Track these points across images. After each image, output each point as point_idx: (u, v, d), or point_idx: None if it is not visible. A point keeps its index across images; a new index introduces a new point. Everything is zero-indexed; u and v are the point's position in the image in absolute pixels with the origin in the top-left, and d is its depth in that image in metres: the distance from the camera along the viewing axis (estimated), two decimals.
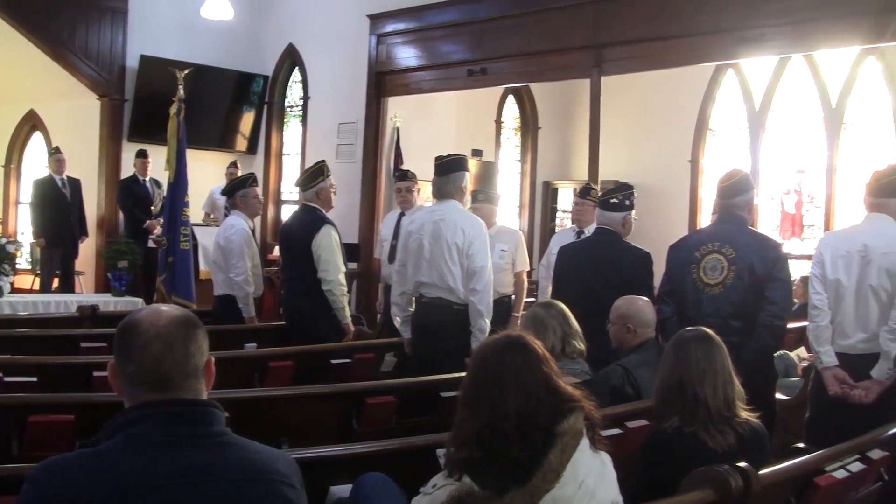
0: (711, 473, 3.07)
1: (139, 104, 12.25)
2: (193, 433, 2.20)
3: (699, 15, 8.87)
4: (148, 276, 10.37)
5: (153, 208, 11.64)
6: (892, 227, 5.11)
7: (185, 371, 2.25)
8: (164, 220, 9.11)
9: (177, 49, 12.25)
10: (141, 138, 12.13)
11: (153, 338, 2.23)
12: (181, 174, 8.87)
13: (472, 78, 10.81)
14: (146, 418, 2.18)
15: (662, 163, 13.20)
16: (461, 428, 2.64)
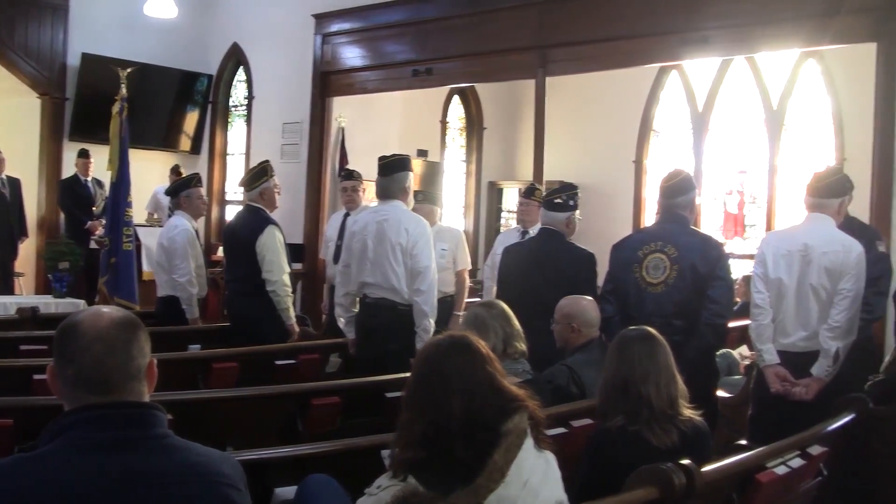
0: (655, 471, 3.09)
1: (81, 103, 12.07)
2: (135, 436, 2.17)
3: (643, 17, 8.93)
4: (90, 278, 10.23)
5: (95, 209, 11.49)
6: (831, 226, 5.19)
7: (127, 373, 2.23)
8: (107, 221, 9.03)
9: (119, 47, 12.08)
10: (83, 137, 11.96)
11: (94, 340, 2.21)
12: (124, 174, 8.78)
13: (417, 78, 10.79)
14: (87, 421, 2.15)
15: (607, 163, 13.29)
16: (406, 428, 2.63)
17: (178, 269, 7.38)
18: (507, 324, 4.61)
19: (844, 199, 5.41)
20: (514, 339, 4.57)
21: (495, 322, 4.58)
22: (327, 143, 11.70)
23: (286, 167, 11.22)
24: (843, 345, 4.98)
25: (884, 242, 6.02)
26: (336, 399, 4.95)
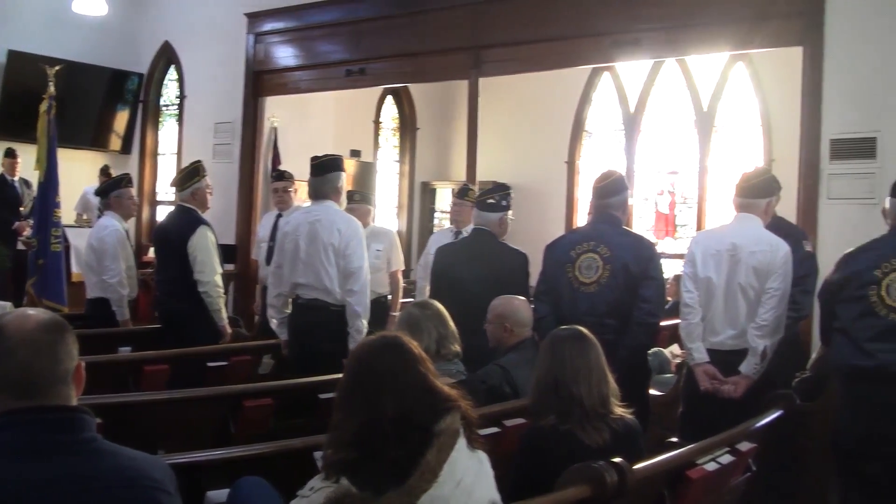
0: (587, 470, 3.11)
1: (7, 101, 11.81)
2: (62, 441, 2.15)
3: (576, 19, 8.99)
4: (17, 279, 10.04)
5: (23, 209, 11.24)
6: (759, 226, 5.26)
7: (54, 377, 2.19)
8: (35, 222, 8.90)
9: (47, 44, 11.83)
10: (9, 136, 11.70)
11: (19, 343, 2.17)
12: (52, 174, 8.66)
13: (350, 78, 10.76)
14: (12, 426, 2.12)
15: (539, 164, 13.37)
16: (338, 429, 2.62)
17: (108, 270, 7.29)
18: (442, 324, 4.60)
19: (772, 200, 5.50)
20: (447, 339, 4.57)
21: (429, 323, 4.57)
22: (260, 143, 11.61)
23: (218, 167, 11.11)
24: (770, 343, 5.04)
25: (810, 242, 6.12)
26: (269, 400, 4.92)
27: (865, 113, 7.40)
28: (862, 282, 4.35)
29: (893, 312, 4.24)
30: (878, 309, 4.29)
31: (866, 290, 4.32)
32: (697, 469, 3.72)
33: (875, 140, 7.32)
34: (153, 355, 6.15)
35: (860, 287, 4.35)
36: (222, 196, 10.48)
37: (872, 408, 4.28)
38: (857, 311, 4.36)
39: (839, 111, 7.51)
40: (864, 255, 4.47)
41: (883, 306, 4.28)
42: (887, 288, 4.29)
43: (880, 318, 4.27)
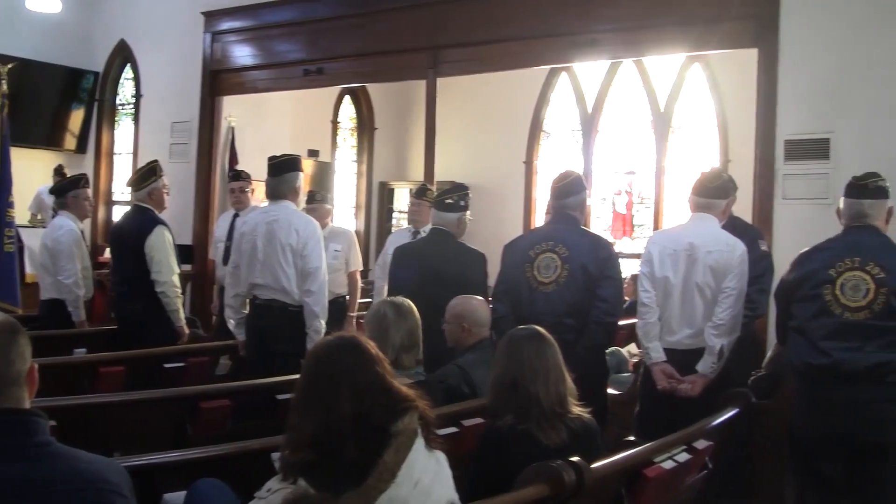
0: (545, 469, 3.12)
1: None
2: (15, 444, 2.12)
3: (534, 19, 9.01)
4: None
5: None
6: (716, 226, 5.30)
7: (6, 379, 2.17)
8: None
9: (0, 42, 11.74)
10: None
11: None
12: (5, 173, 8.54)
13: (308, 78, 10.72)
14: None
15: (497, 164, 13.40)
16: (296, 430, 2.61)
17: (63, 271, 7.23)
18: (410, 337, 4.51)
19: (728, 200, 5.54)
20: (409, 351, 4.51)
21: (399, 333, 4.49)
22: (217, 142, 11.53)
23: (175, 167, 11.02)
24: (727, 342, 5.08)
25: (766, 241, 6.19)
26: (226, 402, 4.90)
27: (819, 114, 7.48)
28: (817, 281, 4.41)
29: (847, 311, 4.30)
30: (833, 308, 4.35)
31: (821, 289, 4.38)
32: (655, 467, 3.73)
33: (829, 141, 7.40)
34: (109, 357, 6.09)
35: (815, 286, 4.41)
36: (179, 196, 10.39)
37: (828, 405, 4.34)
38: (813, 309, 4.42)
39: (794, 112, 7.59)
40: (818, 254, 4.53)
41: (837, 305, 4.34)
42: (841, 287, 4.35)
43: (835, 316, 4.33)
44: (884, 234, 4.54)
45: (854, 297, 4.32)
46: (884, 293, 4.27)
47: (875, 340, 4.26)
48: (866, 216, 4.54)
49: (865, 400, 4.24)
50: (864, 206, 4.55)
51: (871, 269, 4.33)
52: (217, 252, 8.78)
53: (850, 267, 4.37)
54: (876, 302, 4.28)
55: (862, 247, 4.42)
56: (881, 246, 4.44)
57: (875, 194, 4.57)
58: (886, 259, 4.35)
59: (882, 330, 4.26)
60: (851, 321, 4.31)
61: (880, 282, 4.29)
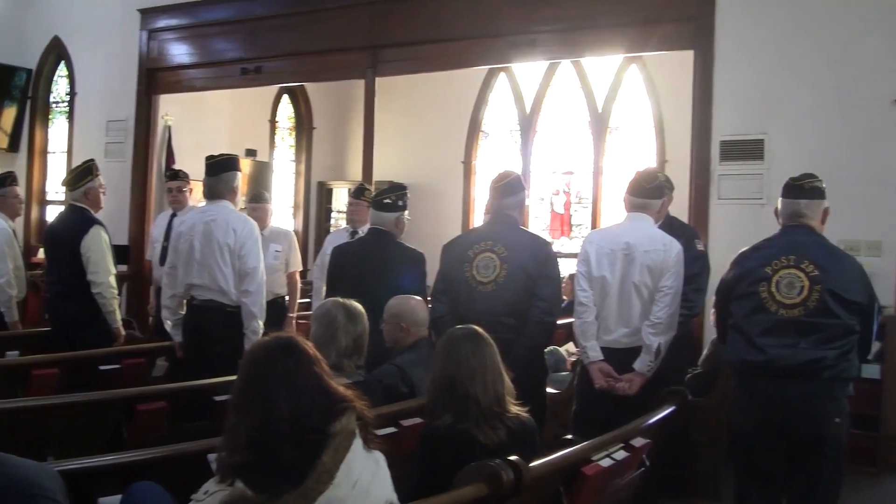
0: (484, 468, 3.12)
1: None
2: None
3: (473, 19, 9.04)
4: None
5: None
6: (652, 226, 5.36)
7: None
8: None
9: None
10: None
11: None
12: None
13: (246, 77, 10.67)
14: None
15: (436, 164, 13.42)
16: (233, 432, 2.59)
17: None
18: (356, 342, 4.48)
19: (664, 200, 5.61)
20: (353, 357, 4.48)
21: (346, 337, 4.43)
22: (153, 141, 11.43)
23: (111, 166, 10.88)
24: (664, 340, 5.13)
25: (701, 241, 6.26)
26: (163, 404, 4.85)
27: (754, 115, 7.60)
28: (753, 279, 4.48)
29: (783, 308, 4.37)
30: (769, 305, 4.41)
31: (757, 286, 4.45)
32: (592, 465, 3.75)
33: (763, 142, 7.52)
34: (42, 359, 6.00)
35: (752, 284, 4.48)
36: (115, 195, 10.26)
37: (764, 401, 4.40)
38: (750, 307, 4.48)
39: (729, 113, 7.70)
40: (756, 253, 4.60)
41: (773, 302, 4.41)
42: (777, 284, 4.42)
43: (770, 313, 4.40)
44: (819, 233, 4.61)
45: (789, 294, 4.39)
46: (818, 290, 4.34)
47: (809, 337, 4.32)
48: (802, 216, 4.61)
49: (800, 395, 4.30)
50: (800, 205, 4.62)
51: (805, 266, 4.40)
52: (154, 252, 8.69)
53: (786, 265, 4.43)
54: (810, 299, 4.35)
55: (797, 246, 4.49)
56: (816, 245, 4.52)
57: (811, 195, 4.64)
58: (821, 258, 4.43)
59: (816, 327, 4.33)
60: (786, 318, 4.38)
61: (814, 279, 4.36)
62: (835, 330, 4.33)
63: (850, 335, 4.36)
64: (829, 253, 4.50)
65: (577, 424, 5.35)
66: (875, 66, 7.30)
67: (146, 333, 8.33)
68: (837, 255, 4.50)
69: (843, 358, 4.33)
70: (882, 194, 7.19)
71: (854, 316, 4.37)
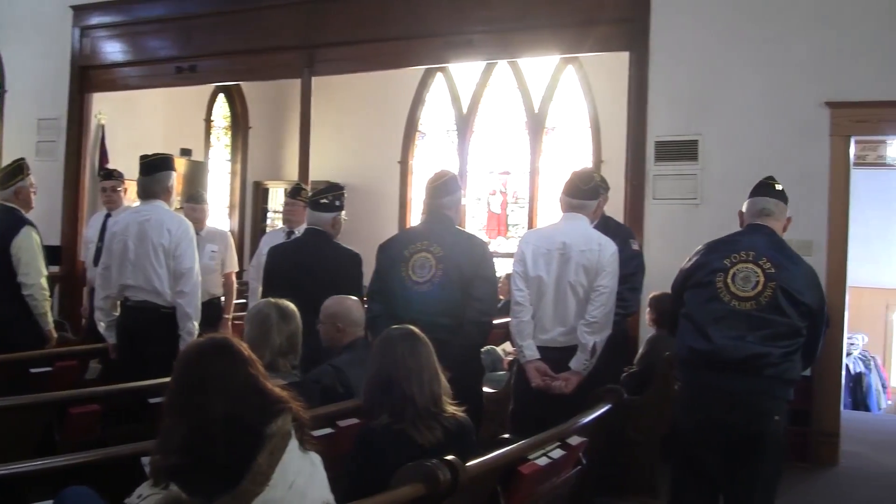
0: (420, 468, 3.12)
1: None
2: None
3: (409, 19, 9.04)
4: None
5: None
6: (588, 226, 5.39)
7: None
8: None
9: None
10: None
11: None
12: None
13: (181, 75, 10.56)
14: None
15: (373, 164, 13.42)
16: (167, 434, 2.56)
17: None
18: (290, 342, 4.46)
19: (600, 200, 5.65)
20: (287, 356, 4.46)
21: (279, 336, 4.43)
22: (86, 140, 11.27)
23: (42, 165, 10.70)
24: (599, 339, 5.16)
25: (637, 241, 6.30)
26: (96, 407, 4.78)
27: (688, 116, 7.69)
28: (711, 269, 4.53)
29: (735, 300, 4.42)
30: (723, 295, 4.46)
31: (714, 276, 4.50)
32: (529, 464, 3.77)
33: (697, 143, 7.61)
34: None
35: (709, 274, 4.53)
36: (46, 195, 10.10)
37: (707, 395, 4.44)
38: (704, 296, 4.52)
39: (664, 114, 7.78)
40: (718, 246, 4.65)
41: (727, 292, 4.46)
42: (733, 276, 4.48)
43: (723, 303, 4.45)
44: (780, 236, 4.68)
45: (744, 287, 4.44)
46: (772, 287, 4.39)
47: (757, 332, 4.37)
48: (770, 214, 4.66)
49: (741, 390, 4.34)
50: (770, 203, 4.68)
51: (763, 263, 4.46)
52: (88, 253, 8.57)
53: (744, 259, 4.49)
54: (763, 294, 4.40)
55: (758, 244, 4.55)
56: (775, 245, 4.58)
57: (780, 196, 4.73)
58: (779, 257, 4.49)
59: (765, 322, 4.38)
60: (738, 310, 4.42)
61: (770, 276, 4.42)
62: (783, 329, 4.38)
63: (797, 337, 4.42)
64: (788, 255, 4.56)
65: (514, 423, 5.36)
66: (805, 69, 7.43)
67: (79, 335, 8.22)
68: (795, 259, 4.57)
69: (787, 358, 4.38)
70: (813, 195, 7.30)
71: (803, 318, 4.43)
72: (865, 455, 7.97)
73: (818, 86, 7.36)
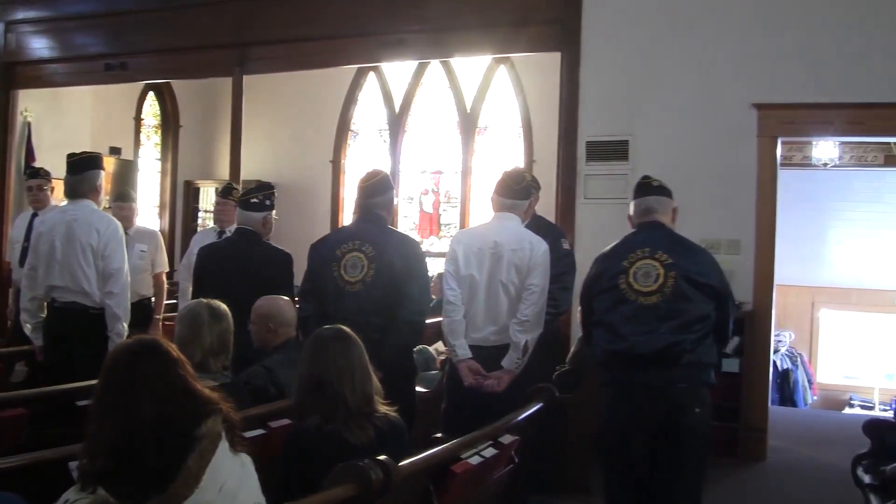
0: (352, 468, 3.11)
1: None
2: None
3: (342, 18, 9.02)
4: None
5: None
6: (520, 225, 5.42)
7: None
8: None
9: None
10: None
11: None
12: None
13: (110, 73, 10.42)
14: None
15: (305, 163, 13.36)
16: (94, 438, 2.53)
17: None
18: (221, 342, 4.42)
19: (531, 200, 5.67)
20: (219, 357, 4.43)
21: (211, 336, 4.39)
22: (12, 139, 11.07)
23: None
24: (531, 337, 5.19)
25: (567, 240, 6.35)
26: (22, 410, 4.70)
27: (619, 117, 7.77)
28: (613, 273, 4.60)
29: (641, 296, 4.49)
30: (628, 295, 4.53)
31: (617, 280, 4.56)
32: (462, 463, 3.77)
33: (628, 143, 7.69)
34: None
35: (611, 278, 4.59)
36: None
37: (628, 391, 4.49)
38: (611, 300, 4.59)
39: (595, 115, 7.85)
40: (614, 251, 4.72)
41: (632, 292, 4.53)
42: (634, 275, 4.55)
43: (630, 302, 4.52)
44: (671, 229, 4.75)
45: (646, 282, 4.51)
46: (672, 276, 4.48)
47: (667, 322, 4.44)
48: (654, 211, 4.75)
49: (661, 383, 4.40)
50: (652, 201, 4.77)
51: (659, 256, 4.54)
52: (13, 253, 8.44)
53: (641, 256, 4.57)
54: (666, 285, 4.48)
55: (651, 240, 4.64)
56: (668, 238, 4.67)
57: (659, 192, 4.82)
58: (673, 248, 4.58)
59: (674, 312, 4.46)
60: (645, 305, 4.49)
61: (668, 267, 4.50)
62: (692, 315, 4.47)
63: (706, 320, 4.51)
64: (682, 243, 4.67)
65: (447, 423, 5.36)
66: (734, 71, 7.54)
67: (4, 337, 8.10)
68: (689, 246, 4.68)
69: (700, 343, 4.47)
70: (741, 194, 7.42)
71: (709, 300, 4.53)
72: (792, 450, 8.12)
73: (746, 88, 7.48)
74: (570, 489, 6.29)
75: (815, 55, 7.42)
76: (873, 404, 13.68)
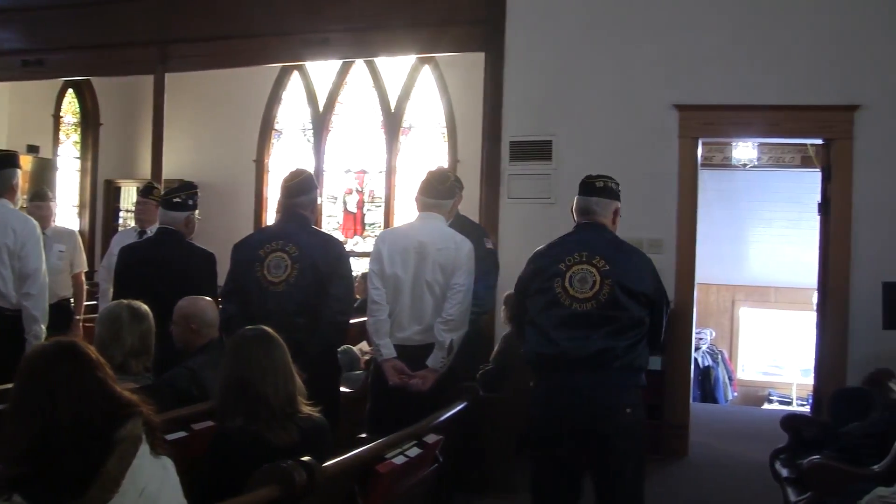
0: (276, 470, 3.09)
1: None
2: None
3: (265, 16, 8.97)
4: None
5: None
6: (444, 225, 5.43)
7: None
8: None
9: None
10: None
11: None
12: None
13: (27, 69, 10.25)
14: None
15: (228, 162, 13.24)
16: (10, 442, 2.48)
17: None
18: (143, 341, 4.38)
19: (455, 199, 5.68)
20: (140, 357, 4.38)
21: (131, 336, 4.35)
22: None
23: None
24: (456, 336, 5.21)
25: (491, 240, 6.38)
26: None
27: (542, 117, 7.82)
28: (548, 275, 4.58)
29: (576, 302, 4.48)
30: (563, 299, 4.52)
31: (552, 282, 4.55)
32: (386, 463, 3.77)
33: (551, 143, 7.74)
34: None
35: (547, 280, 4.58)
36: None
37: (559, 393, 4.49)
38: (544, 302, 4.57)
39: (518, 115, 7.90)
40: (550, 250, 4.71)
41: (567, 297, 4.52)
42: (570, 279, 4.53)
43: (564, 307, 4.51)
44: (611, 231, 4.76)
45: (582, 289, 4.50)
46: (609, 284, 4.47)
47: (601, 329, 4.45)
48: (594, 213, 4.73)
49: (591, 386, 4.41)
50: (591, 202, 4.75)
51: (597, 262, 4.52)
52: None
53: (579, 261, 4.55)
54: (601, 293, 4.48)
55: (589, 243, 4.62)
56: (606, 242, 4.65)
57: (602, 193, 4.77)
58: (610, 253, 4.57)
59: (607, 319, 4.46)
60: (579, 311, 4.48)
61: (605, 274, 4.49)
62: (625, 322, 4.47)
63: (640, 326, 4.52)
64: (619, 248, 4.64)
65: (372, 423, 5.36)
66: (655, 72, 7.64)
67: None
68: (626, 251, 4.66)
69: (632, 349, 4.48)
70: (662, 194, 7.51)
71: (643, 308, 4.53)
72: (713, 445, 8.25)
73: (668, 89, 7.58)
74: (495, 488, 6.31)
75: (735, 58, 7.55)
76: (791, 399, 13.95)
